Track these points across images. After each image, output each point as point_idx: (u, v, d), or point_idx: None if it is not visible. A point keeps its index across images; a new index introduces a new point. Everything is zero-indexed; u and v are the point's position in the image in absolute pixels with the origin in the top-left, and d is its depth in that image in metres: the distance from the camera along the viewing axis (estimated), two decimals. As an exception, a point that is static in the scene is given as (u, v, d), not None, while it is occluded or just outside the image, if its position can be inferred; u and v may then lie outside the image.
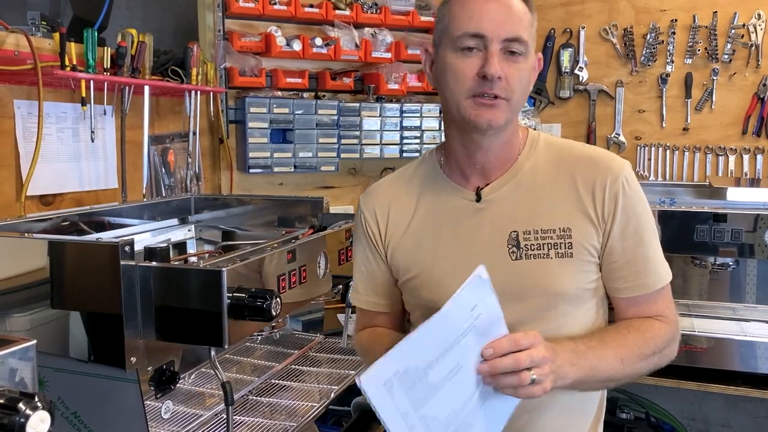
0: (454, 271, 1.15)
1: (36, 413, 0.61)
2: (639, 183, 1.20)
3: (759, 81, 2.64)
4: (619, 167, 1.17)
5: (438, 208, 1.21)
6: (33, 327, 1.10)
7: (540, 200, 1.17)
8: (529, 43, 1.12)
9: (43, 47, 1.62)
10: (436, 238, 1.20)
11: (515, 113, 1.16)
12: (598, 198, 1.15)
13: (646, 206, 1.19)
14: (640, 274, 1.17)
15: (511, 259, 1.15)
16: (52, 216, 1.40)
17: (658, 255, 1.19)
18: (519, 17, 1.11)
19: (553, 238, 1.14)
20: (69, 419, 1.12)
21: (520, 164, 1.19)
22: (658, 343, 1.16)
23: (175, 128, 2.17)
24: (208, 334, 1.03)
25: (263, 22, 2.39)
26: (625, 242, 1.15)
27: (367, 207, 1.26)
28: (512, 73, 1.10)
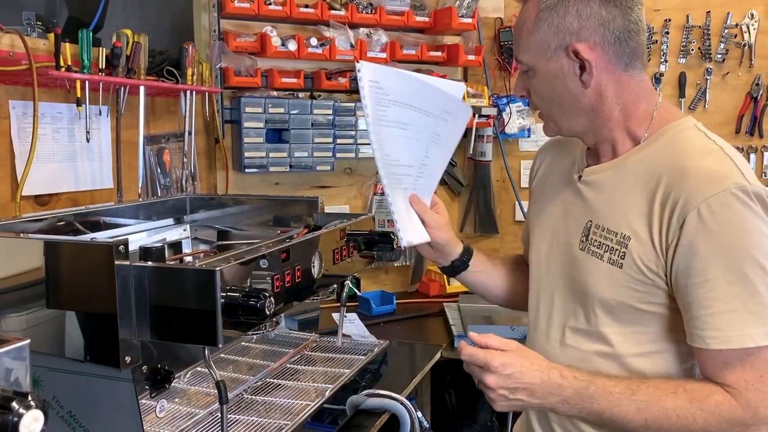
0: (543, 236, 1.25)
1: (29, 412, 0.61)
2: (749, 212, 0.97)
3: (752, 80, 2.66)
4: (712, 188, 0.97)
5: (562, 174, 1.26)
6: (28, 327, 1.10)
7: (620, 199, 1.10)
8: (526, 58, 1.11)
9: (38, 48, 1.62)
10: (547, 201, 1.28)
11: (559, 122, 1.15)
12: (666, 216, 1.01)
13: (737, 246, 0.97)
14: (700, 322, 0.99)
15: (578, 248, 1.15)
16: (48, 216, 1.41)
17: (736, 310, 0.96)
18: (518, 37, 1.13)
19: (612, 242, 1.08)
20: (64, 418, 1.12)
21: (628, 155, 1.12)
22: (709, 420, 0.98)
23: (171, 128, 2.18)
24: (203, 334, 1.03)
25: (258, 22, 2.39)
26: (688, 280, 0.99)
27: (539, 152, 1.40)
28: (531, 89, 1.15)
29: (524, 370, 1.04)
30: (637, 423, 1.01)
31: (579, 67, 1.07)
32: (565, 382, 1.04)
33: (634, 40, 1.08)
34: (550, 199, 1.27)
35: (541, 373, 1.04)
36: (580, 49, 1.05)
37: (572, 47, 1.06)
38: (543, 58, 1.08)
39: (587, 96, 1.09)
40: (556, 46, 1.07)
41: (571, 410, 1.04)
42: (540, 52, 1.08)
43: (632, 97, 1.11)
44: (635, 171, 1.09)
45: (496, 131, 2.79)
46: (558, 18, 1.05)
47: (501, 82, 2.82)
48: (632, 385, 1.03)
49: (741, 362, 0.97)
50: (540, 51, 1.08)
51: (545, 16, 1.06)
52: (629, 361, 1.10)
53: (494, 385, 1.04)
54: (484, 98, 2.68)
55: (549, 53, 1.07)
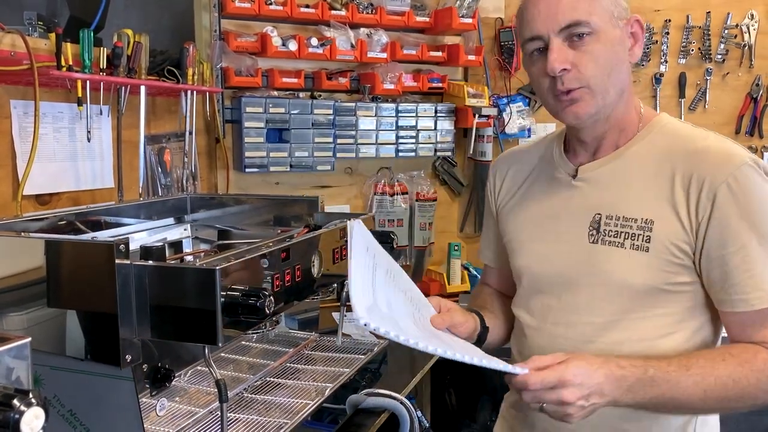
0: (537, 240, 1.23)
1: (30, 409, 0.62)
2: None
3: (752, 81, 2.66)
4: (732, 164, 1.06)
5: (542, 177, 1.26)
6: (29, 326, 1.11)
7: (632, 187, 1.13)
8: (594, 19, 1.07)
9: (39, 47, 1.62)
10: (530, 206, 1.26)
11: (607, 95, 1.11)
12: (693, 195, 1.07)
13: (764, 212, 1.06)
14: (740, 287, 1.05)
15: (589, 241, 1.15)
16: (49, 215, 1.41)
17: None
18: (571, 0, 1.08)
19: (633, 228, 1.10)
20: (65, 417, 1.13)
21: (627, 147, 1.16)
22: (762, 377, 1.03)
23: (172, 128, 2.18)
24: (203, 333, 1.04)
25: (259, 22, 2.40)
26: (724, 250, 1.06)
27: (493, 168, 1.40)
28: (582, 58, 1.08)
29: (590, 373, 1.01)
30: (696, 396, 1.03)
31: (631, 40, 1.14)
32: (626, 372, 1.03)
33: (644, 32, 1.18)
34: (529, 205, 1.27)
35: (604, 370, 1.02)
36: (641, 22, 1.14)
37: (633, 18, 1.13)
38: (609, 23, 1.10)
39: (627, 72, 1.16)
40: (618, 15, 1.12)
41: (635, 398, 1.04)
42: (606, 17, 1.10)
43: (632, 92, 1.20)
44: (639, 161, 1.14)
45: (496, 131, 2.79)
46: None
47: (501, 82, 2.82)
48: (684, 361, 1.05)
49: None
50: (606, 15, 1.10)
51: None
52: (654, 344, 1.12)
53: (573, 398, 1.00)
54: (485, 98, 2.69)
55: (613, 20, 1.11)
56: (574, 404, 0.99)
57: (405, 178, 2.73)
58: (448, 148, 2.74)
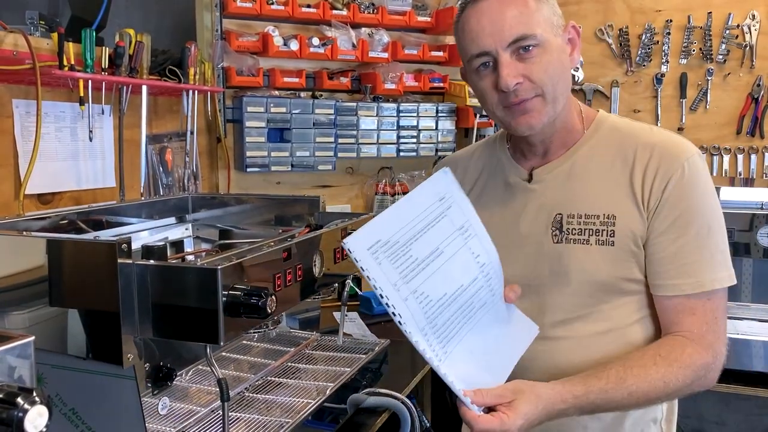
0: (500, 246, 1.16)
1: (34, 408, 0.62)
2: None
3: (753, 81, 2.66)
4: (683, 153, 1.11)
5: (494, 183, 1.27)
6: (31, 324, 1.11)
7: (589, 185, 1.15)
8: (537, 31, 1.08)
9: (41, 47, 1.63)
10: (486, 212, 1.21)
11: (557, 102, 1.12)
12: (648, 183, 1.11)
13: (708, 201, 1.11)
14: (677, 273, 1.09)
15: (553, 242, 1.17)
16: (51, 214, 1.41)
17: (708, 258, 1.09)
18: (515, 14, 1.08)
19: (596, 225, 1.13)
20: (67, 415, 1.13)
21: (577, 147, 1.19)
22: (688, 374, 1.07)
23: (173, 127, 2.18)
24: (204, 332, 1.04)
25: (261, 21, 2.40)
26: (667, 235, 1.10)
27: None
28: (532, 69, 1.09)
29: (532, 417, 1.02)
30: (631, 403, 1.08)
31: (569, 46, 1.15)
32: (566, 407, 1.06)
33: None
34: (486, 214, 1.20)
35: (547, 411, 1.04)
36: (577, 28, 1.16)
37: (570, 24, 1.15)
38: (551, 33, 1.12)
39: (570, 77, 1.18)
40: (556, 24, 1.13)
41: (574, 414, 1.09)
42: (548, 27, 1.11)
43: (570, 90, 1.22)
44: (592, 159, 1.17)
45: (497, 130, 2.79)
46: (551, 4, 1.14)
47: (502, 82, 2.82)
48: (621, 373, 1.07)
49: (702, 306, 1.09)
50: (548, 25, 1.11)
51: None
52: (625, 332, 1.16)
53: None
54: (486, 98, 2.68)
55: (554, 29, 1.13)
56: None
57: (406, 178, 2.73)
58: (450, 148, 2.74)
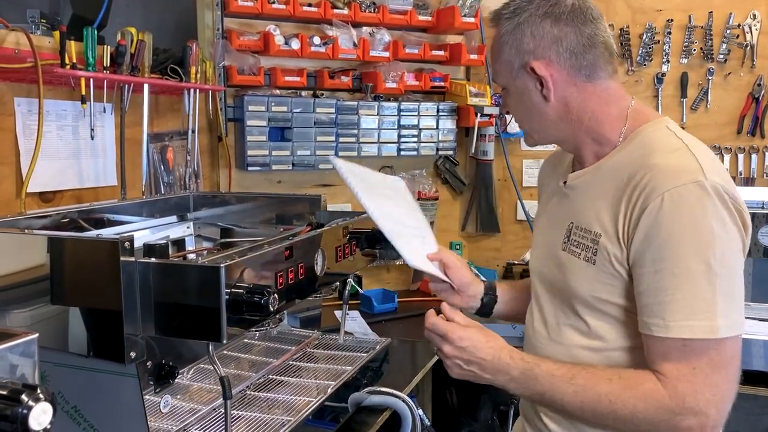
0: (537, 244, 1.33)
1: (38, 404, 0.62)
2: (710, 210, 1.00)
3: (754, 81, 2.66)
4: (672, 182, 1.01)
5: (553, 183, 1.33)
6: (33, 322, 1.11)
7: (598, 199, 1.15)
8: (499, 79, 1.22)
9: (43, 45, 1.63)
10: (542, 210, 1.37)
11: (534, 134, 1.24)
12: (629, 210, 1.06)
13: (691, 239, 1.00)
14: (646, 311, 1.04)
15: (561, 249, 1.21)
16: (52, 213, 1.42)
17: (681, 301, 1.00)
18: (491, 61, 1.26)
19: (587, 240, 1.14)
20: (69, 413, 1.13)
21: (605, 160, 1.18)
22: (638, 406, 1.02)
23: (174, 126, 2.19)
24: (207, 330, 1.04)
25: (262, 20, 2.40)
26: (641, 269, 1.04)
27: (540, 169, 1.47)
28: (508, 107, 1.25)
29: (479, 345, 1.16)
30: (574, 405, 1.09)
31: (539, 83, 1.16)
32: (512, 363, 1.14)
33: (591, 53, 1.15)
34: (543, 210, 1.36)
35: (493, 351, 1.15)
36: (536, 67, 1.15)
37: (529, 65, 1.15)
38: (510, 77, 1.19)
39: (552, 108, 1.18)
40: (518, 66, 1.17)
41: (518, 389, 1.15)
42: (507, 72, 1.19)
43: (600, 104, 1.18)
44: (611, 173, 1.15)
45: (498, 130, 2.79)
46: (516, 40, 1.16)
47: (503, 81, 2.82)
48: (573, 370, 1.10)
49: (678, 352, 1.01)
50: (507, 71, 1.19)
51: (507, 39, 1.17)
52: (612, 355, 1.14)
53: (450, 354, 1.17)
54: (487, 97, 2.69)
55: (514, 72, 1.18)
56: (450, 359, 1.18)
57: (407, 177, 2.73)
58: (450, 147, 2.74)
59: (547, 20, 1.13)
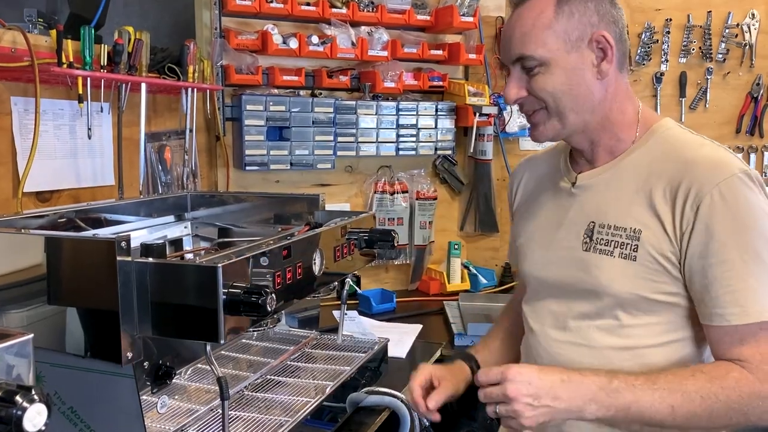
0: (539, 246, 1.26)
1: (33, 406, 0.62)
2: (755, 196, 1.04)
3: (753, 80, 2.66)
4: (720, 174, 1.04)
5: (548, 186, 1.29)
6: (30, 323, 1.11)
7: (623, 196, 1.13)
8: (540, 52, 1.09)
9: (39, 44, 1.62)
10: (537, 213, 1.29)
11: (564, 117, 1.13)
12: (678, 206, 1.06)
13: (751, 225, 1.03)
14: (719, 301, 1.04)
15: (582, 249, 1.17)
16: (49, 212, 1.41)
17: (755, 286, 1.02)
18: (522, 33, 1.11)
19: (622, 237, 1.11)
20: (65, 414, 1.13)
21: (623, 156, 1.17)
22: (731, 396, 1.00)
23: (172, 125, 2.18)
24: (204, 330, 1.04)
25: (260, 20, 2.39)
26: (705, 261, 1.04)
27: (512, 174, 1.45)
28: (534, 85, 1.11)
29: (542, 375, 1.04)
30: (664, 412, 1.02)
31: (599, 57, 1.12)
32: (587, 380, 1.04)
33: (625, 44, 1.17)
34: (537, 212, 1.30)
35: (561, 374, 1.04)
36: (606, 36, 1.11)
37: (597, 34, 1.10)
38: (562, 50, 1.10)
39: (598, 89, 1.13)
40: (577, 37, 1.11)
41: (599, 410, 1.03)
42: (560, 44, 1.10)
43: (623, 99, 1.18)
44: (633, 170, 1.14)
45: (496, 130, 2.79)
46: (579, 11, 1.10)
47: (502, 80, 2.81)
48: (651, 377, 1.04)
49: (755, 337, 1.01)
50: (559, 43, 1.10)
51: (566, 8, 1.10)
52: (645, 353, 1.13)
53: (516, 393, 1.02)
54: (485, 97, 2.69)
55: (569, 45, 1.10)
56: (519, 401, 1.01)
57: (405, 177, 2.73)
58: (449, 147, 2.74)
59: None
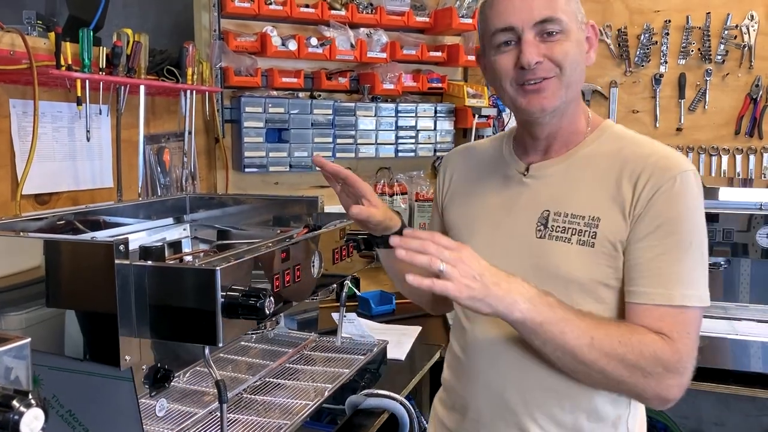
0: (485, 234, 1.25)
1: (30, 410, 0.62)
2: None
3: (752, 82, 2.66)
4: (677, 168, 1.11)
5: (492, 174, 1.29)
6: (28, 325, 1.11)
7: (581, 186, 1.17)
8: (565, 18, 1.12)
9: (38, 47, 1.62)
10: (479, 201, 1.29)
11: (570, 89, 1.15)
12: (638, 191, 1.11)
13: (693, 217, 1.10)
14: (650, 281, 1.09)
15: (536, 237, 1.18)
16: (48, 215, 1.41)
17: (683, 273, 1.08)
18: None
19: (580, 225, 1.14)
20: (64, 417, 1.12)
21: (578, 149, 1.21)
22: (644, 352, 1.04)
23: (171, 128, 2.18)
24: (203, 333, 1.03)
25: (259, 21, 2.39)
26: (646, 243, 1.09)
27: (444, 163, 1.42)
28: (553, 50, 1.13)
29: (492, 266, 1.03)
30: (584, 340, 1.04)
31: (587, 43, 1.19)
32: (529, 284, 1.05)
33: None
34: (478, 201, 1.29)
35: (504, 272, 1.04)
36: (596, 27, 1.20)
37: (590, 23, 1.19)
38: (575, 24, 1.15)
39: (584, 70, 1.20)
40: (580, 19, 1.17)
41: (530, 311, 1.02)
42: (574, 18, 1.15)
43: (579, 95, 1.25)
44: (590, 162, 1.19)
45: (495, 131, 2.79)
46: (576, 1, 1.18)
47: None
48: (582, 311, 1.08)
49: (674, 318, 1.07)
50: (573, 17, 1.15)
51: None
52: None
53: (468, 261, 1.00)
54: (484, 98, 2.69)
55: (577, 23, 1.16)
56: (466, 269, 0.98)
57: (404, 178, 2.73)
58: (448, 148, 2.73)
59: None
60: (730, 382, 1.92)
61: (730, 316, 2.07)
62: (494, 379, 1.20)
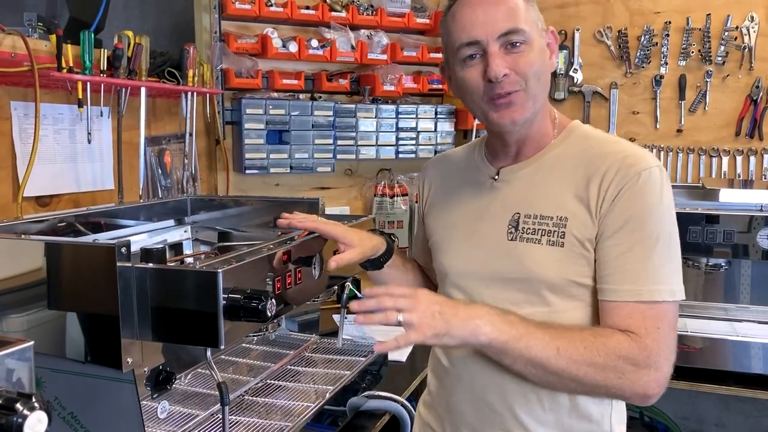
0: (460, 240, 1.27)
1: (33, 413, 0.62)
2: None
3: (752, 83, 2.66)
4: (641, 165, 1.12)
5: (466, 181, 1.31)
6: (30, 328, 1.11)
7: (549, 187, 1.18)
8: (527, 29, 1.14)
9: (39, 49, 1.62)
10: (456, 208, 1.31)
11: (537, 99, 1.17)
12: (603, 189, 1.12)
13: (661, 215, 1.11)
14: (617, 279, 1.10)
15: (507, 239, 1.19)
16: (49, 217, 1.41)
17: (651, 268, 1.09)
18: (508, 9, 1.14)
19: (549, 225, 1.15)
20: (66, 419, 1.13)
21: (546, 151, 1.22)
22: (609, 352, 1.05)
23: (172, 129, 2.18)
24: (204, 335, 1.03)
25: (259, 23, 2.40)
26: (613, 241, 1.10)
27: (422, 173, 1.45)
28: (518, 63, 1.14)
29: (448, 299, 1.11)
30: (550, 351, 1.06)
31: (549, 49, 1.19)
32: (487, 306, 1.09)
33: None
34: (454, 207, 1.31)
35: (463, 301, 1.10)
36: (555, 33, 1.22)
37: (551, 29, 1.20)
38: (537, 33, 1.16)
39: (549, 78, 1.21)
40: (541, 26, 1.18)
41: (493, 332, 1.05)
42: (535, 27, 1.16)
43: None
44: (557, 163, 1.20)
45: (496, 133, 2.79)
46: (534, 7, 1.18)
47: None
48: (543, 323, 1.10)
49: (643, 314, 1.08)
50: (534, 26, 1.16)
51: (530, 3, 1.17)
52: None
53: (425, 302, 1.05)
54: (485, 100, 2.68)
55: (539, 30, 1.17)
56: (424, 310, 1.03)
57: (405, 180, 2.73)
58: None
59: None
60: (731, 383, 1.92)
61: (731, 317, 2.07)
62: (477, 383, 1.21)
